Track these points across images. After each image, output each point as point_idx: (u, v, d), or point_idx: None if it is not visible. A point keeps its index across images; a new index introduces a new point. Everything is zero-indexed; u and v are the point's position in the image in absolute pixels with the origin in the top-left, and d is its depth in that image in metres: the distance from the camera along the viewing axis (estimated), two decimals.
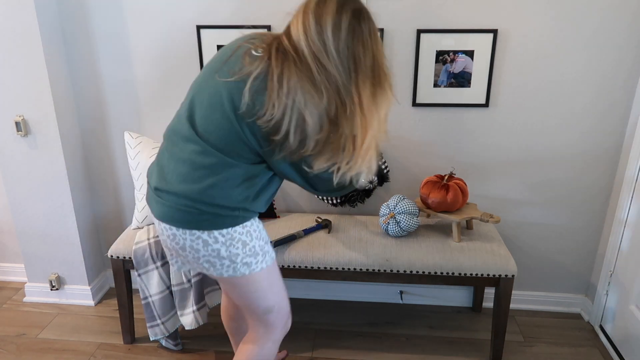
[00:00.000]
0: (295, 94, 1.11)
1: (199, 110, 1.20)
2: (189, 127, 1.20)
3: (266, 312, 1.37)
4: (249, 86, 1.12)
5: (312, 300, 2.37)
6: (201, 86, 1.22)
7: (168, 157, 1.25)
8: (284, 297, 1.42)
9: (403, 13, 1.88)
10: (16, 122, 2.01)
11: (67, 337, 2.09)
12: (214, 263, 1.26)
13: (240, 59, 1.16)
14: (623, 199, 1.95)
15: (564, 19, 1.84)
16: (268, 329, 1.41)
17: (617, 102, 1.92)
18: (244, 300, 1.35)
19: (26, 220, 2.20)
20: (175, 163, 1.22)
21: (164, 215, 1.24)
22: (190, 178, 1.20)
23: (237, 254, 1.25)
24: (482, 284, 1.79)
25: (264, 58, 1.14)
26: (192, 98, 1.22)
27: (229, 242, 1.23)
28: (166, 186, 1.22)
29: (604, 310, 2.10)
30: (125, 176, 2.24)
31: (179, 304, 1.88)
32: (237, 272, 1.27)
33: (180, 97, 2.08)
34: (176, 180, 1.21)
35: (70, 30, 2.02)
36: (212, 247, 1.23)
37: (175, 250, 1.29)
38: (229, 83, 1.15)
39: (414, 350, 2.02)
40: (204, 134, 1.18)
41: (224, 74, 1.17)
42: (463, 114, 2.00)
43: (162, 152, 1.29)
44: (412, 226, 1.83)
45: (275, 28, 1.94)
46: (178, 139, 1.23)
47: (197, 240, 1.23)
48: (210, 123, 1.17)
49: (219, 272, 1.27)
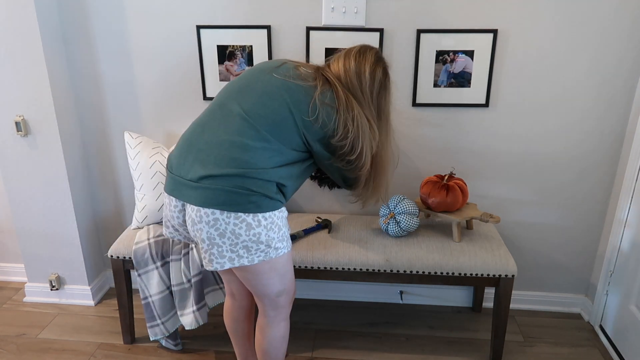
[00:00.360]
0: (360, 120, 1.37)
1: (251, 98, 1.32)
2: (239, 111, 1.30)
3: (279, 294, 1.45)
4: (319, 96, 1.31)
5: (312, 300, 2.37)
6: (249, 81, 1.35)
7: (206, 143, 1.30)
8: (294, 280, 1.51)
9: (403, 13, 1.88)
10: (16, 122, 2.01)
11: (67, 337, 2.09)
12: (250, 248, 1.30)
13: (293, 69, 1.36)
14: (623, 199, 1.95)
15: (564, 19, 1.84)
16: (278, 310, 1.49)
17: (617, 102, 1.92)
18: (262, 287, 1.41)
19: (26, 220, 2.20)
20: (220, 147, 1.28)
21: (206, 199, 1.26)
22: (242, 160, 1.26)
23: (273, 238, 1.32)
24: (482, 284, 1.79)
25: (319, 77, 1.36)
26: (237, 90, 1.34)
27: (269, 226, 1.30)
28: (212, 171, 1.26)
29: (604, 310, 2.10)
30: (125, 176, 2.25)
31: (179, 304, 1.88)
32: (268, 256, 1.33)
33: (181, 96, 2.08)
34: (225, 162, 1.26)
35: (70, 30, 2.02)
36: (254, 231, 1.28)
37: (212, 239, 1.29)
38: (287, 81, 1.33)
39: (414, 350, 2.02)
40: (258, 118, 1.29)
41: (280, 74, 1.34)
42: (463, 114, 2.00)
43: (193, 141, 1.33)
44: (412, 226, 1.83)
45: (275, 28, 1.94)
46: (221, 124, 1.31)
47: (241, 224, 1.27)
48: (266, 108, 1.29)
49: (251, 257, 1.31)
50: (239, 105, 1.31)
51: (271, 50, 1.97)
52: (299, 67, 1.38)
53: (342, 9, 1.88)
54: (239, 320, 1.67)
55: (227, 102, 1.34)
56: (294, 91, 1.31)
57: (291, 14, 1.91)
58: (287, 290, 1.47)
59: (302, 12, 1.91)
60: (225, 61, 1.99)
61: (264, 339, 1.53)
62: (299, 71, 1.36)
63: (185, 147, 1.34)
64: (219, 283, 1.94)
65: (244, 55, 1.98)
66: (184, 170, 1.32)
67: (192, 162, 1.30)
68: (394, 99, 1.98)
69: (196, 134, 1.34)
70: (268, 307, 1.48)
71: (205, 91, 2.04)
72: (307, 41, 1.93)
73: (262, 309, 1.51)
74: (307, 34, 1.92)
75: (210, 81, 2.03)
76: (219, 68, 2.00)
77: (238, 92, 1.34)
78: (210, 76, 2.02)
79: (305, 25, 1.92)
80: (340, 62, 1.42)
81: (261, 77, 1.35)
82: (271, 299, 1.45)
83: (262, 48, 1.96)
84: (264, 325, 1.52)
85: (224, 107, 1.34)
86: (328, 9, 1.88)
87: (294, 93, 1.31)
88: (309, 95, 1.32)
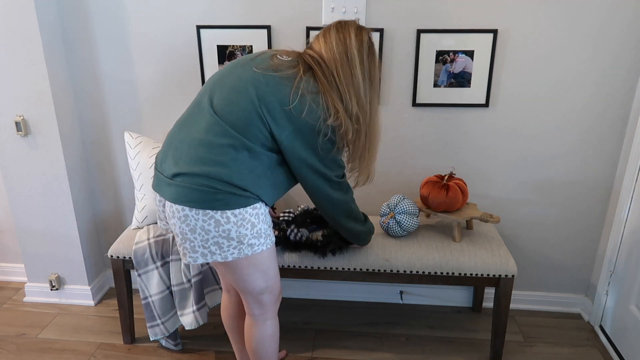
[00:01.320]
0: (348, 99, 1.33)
1: (220, 93, 1.31)
2: (208, 109, 1.30)
3: (261, 292, 1.45)
4: (299, 85, 1.27)
5: (312, 300, 2.37)
6: (223, 76, 1.34)
7: (181, 141, 1.32)
8: (278, 278, 1.50)
9: (403, 13, 1.88)
10: (16, 122, 2.01)
11: (67, 337, 2.09)
12: (221, 244, 1.30)
13: (267, 59, 1.33)
14: (623, 199, 1.95)
15: (564, 19, 1.84)
16: (263, 308, 1.49)
17: (616, 102, 1.92)
18: (242, 282, 1.41)
19: (26, 220, 2.20)
20: (189, 145, 1.29)
21: (177, 196, 1.28)
22: (207, 158, 1.27)
23: (245, 235, 1.31)
24: (482, 284, 1.79)
25: (301, 62, 1.32)
26: (212, 86, 1.34)
27: (240, 223, 1.29)
28: (182, 169, 1.28)
29: (604, 310, 2.10)
30: (125, 176, 2.24)
31: (179, 304, 1.88)
32: (242, 253, 1.33)
33: (181, 96, 2.08)
34: (192, 161, 1.27)
35: (70, 30, 2.02)
36: (223, 228, 1.28)
37: (184, 234, 1.32)
38: (256, 73, 1.29)
39: (414, 350, 2.02)
40: (224, 114, 1.28)
41: (253, 66, 1.32)
42: (463, 114, 2.00)
43: (172, 139, 1.35)
44: (412, 226, 1.83)
45: (275, 28, 1.94)
46: (194, 122, 1.32)
47: (210, 221, 1.27)
48: (232, 104, 1.28)
49: (224, 254, 1.32)
50: (210, 101, 1.32)
51: None
52: (274, 57, 1.34)
53: (342, 9, 1.88)
54: (235, 316, 1.68)
55: (201, 98, 1.35)
56: (262, 84, 1.27)
57: (291, 14, 1.91)
58: (270, 288, 1.46)
59: (302, 12, 1.91)
60: (225, 61, 1.99)
61: (252, 338, 1.53)
62: (273, 61, 1.32)
63: (167, 145, 1.37)
64: (219, 283, 1.94)
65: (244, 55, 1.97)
66: (164, 167, 1.35)
67: (170, 160, 1.33)
68: (393, 99, 1.99)
69: (175, 131, 1.37)
70: (253, 305, 1.48)
71: None
72: (307, 41, 1.93)
73: (247, 308, 1.51)
74: (307, 34, 1.92)
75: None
76: (219, 68, 2.00)
77: (212, 87, 1.35)
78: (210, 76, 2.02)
79: (305, 25, 1.92)
80: (321, 39, 1.37)
81: (235, 71, 1.34)
82: (254, 297, 1.46)
83: (262, 48, 1.96)
84: (251, 325, 1.53)
85: (199, 103, 1.35)
86: (328, 9, 1.88)
87: (261, 85, 1.27)
88: (283, 85, 1.27)
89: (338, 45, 1.34)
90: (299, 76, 1.29)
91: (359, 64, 1.34)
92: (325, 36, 1.37)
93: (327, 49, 1.34)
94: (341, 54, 1.33)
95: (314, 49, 1.38)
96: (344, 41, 1.34)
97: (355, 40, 1.34)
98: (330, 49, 1.34)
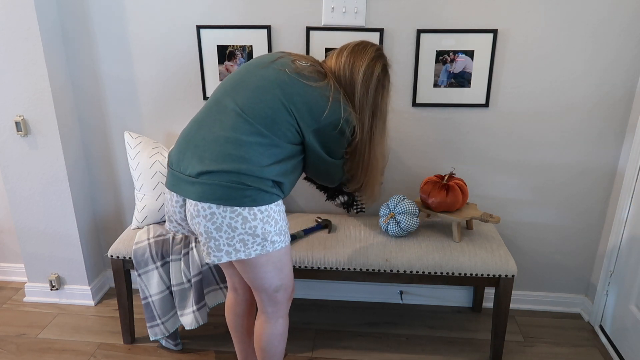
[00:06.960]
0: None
1: (245, 92, 1.33)
2: (233, 107, 1.32)
3: (276, 290, 1.46)
4: (323, 87, 1.34)
5: (312, 300, 2.37)
6: (243, 76, 1.37)
7: (203, 139, 1.32)
8: (292, 276, 1.51)
9: (403, 13, 1.88)
10: (16, 122, 2.01)
11: (67, 337, 2.09)
12: (246, 242, 1.32)
13: (289, 63, 1.37)
14: (623, 199, 1.95)
15: (564, 19, 1.84)
16: (277, 306, 1.50)
17: (617, 102, 1.92)
18: (259, 280, 1.42)
19: (26, 220, 2.20)
20: (215, 143, 1.30)
21: (204, 194, 1.28)
22: (236, 155, 1.28)
23: (269, 232, 1.33)
24: (482, 284, 1.79)
25: (318, 67, 1.39)
26: (232, 86, 1.36)
27: (265, 219, 1.31)
28: (209, 166, 1.28)
29: (604, 310, 2.10)
30: (125, 176, 2.24)
31: (179, 304, 1.88)
32: (264, 249, 1.35)
33: (181, 96, 2.08)
34: (221, 158, 1.28)
35: (70, 30, 2.02)
36: (250, 224, 1.29)
37: (209, 233, 1.31)
38: (280, 73, 1.34)
39: (414, 350, 2.02)
40: (252, 112, 1.30)
41: (272, 68, 1.35)
42: (463, 114, 2.00)
43: (190, 138, 1.35)
44: (412, 226, 1.83)
45: (275, 28, 1.94)
46: (216, 121, 1.33)
47: (237, 218, 1.28)
48: (261, 102, 1.31)
49: (248, 251, 1.33)
50: (234, 100, 1.33)
51: (271, 51, 1.97)
52: (295, 61, 1.39)
53: (342, 9, 1.88)
54: (240, 315, 1.68)
55: (222, 98, 1.36)
56: (288, 84, 1.32)
57: (291, 14, 1.91)
58: (284, 286, 1.47)
59: (302, 12, 1.91)
60: (225, 61, 1.99)
61: (263, 335, 1.54)
62: (295, 65, 1.37)
63: (184, 144, 1.37)
64: (219, 283, 1.94)
65: (244, 55, 1.98)
66: (182, 166, 1.34)
67: (190, 158, 1.33)
68: (393, 99, 1.98)
69: (193, 130, 1.37)
70: (266, 302, 1.49)
71: (205, 91, 2.04)
72: (307, 41, 1.93)
73: (260, 305, 1.52)
74: (307, 34, 1.92)
75: (210, 81, 2.03)
76: (219, 68, 2.00)
77: (232, 87, 1.36)
78: (210, 76, 2.02)
79: (305, 25, 1.92)
80: (334, 57, 1.44)
81: (255, 72, 1.37)
82: (269, 294, 1.46)
83: (262, 48, 1.96)
84: (263, 322, 1.53)
85: (219, 103, 1.36)
86: (328, 9, 1.88)
87: (287, 86, 1.32)
88: (308, 86, 1.34)
89: (345, 67, 1.40)
90: (324, 80, 1.36)
91: (363, 95, 1.41)
92: (338, 55, 1.43)
93: (337, 69, 1.41)
94: (345, 78, 1.40)
95: (326, 64, 1.45)
96: (351, 66, 1.40)
97: (363, 72, 1.40)
98: (338, 69, 1.41)
